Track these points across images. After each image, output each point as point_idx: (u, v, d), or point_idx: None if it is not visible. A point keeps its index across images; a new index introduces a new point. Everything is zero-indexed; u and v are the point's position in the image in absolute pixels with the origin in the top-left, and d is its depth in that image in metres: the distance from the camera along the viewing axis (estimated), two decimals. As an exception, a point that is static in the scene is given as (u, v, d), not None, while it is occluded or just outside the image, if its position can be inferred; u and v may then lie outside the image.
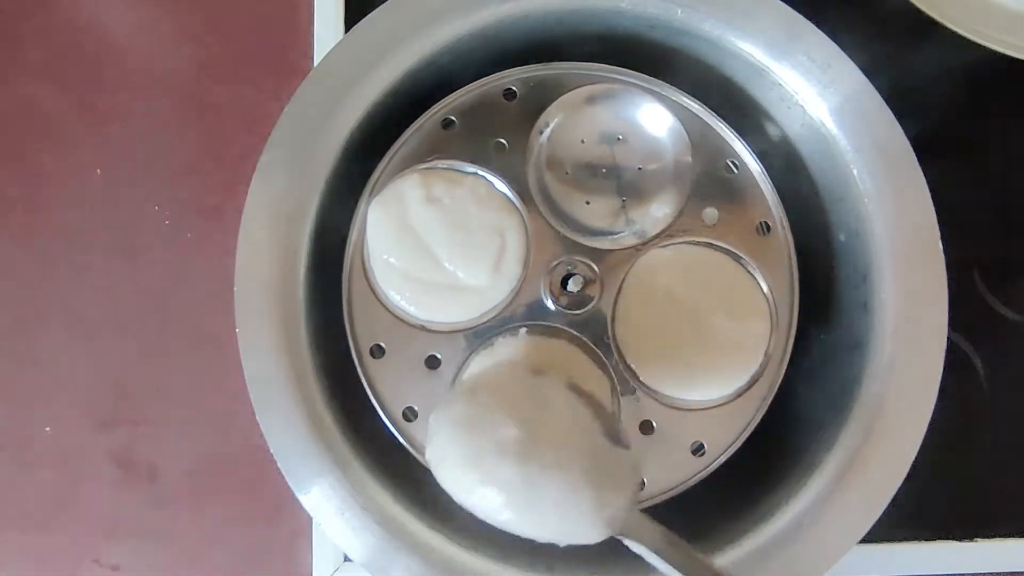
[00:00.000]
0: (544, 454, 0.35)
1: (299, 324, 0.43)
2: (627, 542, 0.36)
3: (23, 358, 0.54)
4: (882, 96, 0.45)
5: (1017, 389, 0.56)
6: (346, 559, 0.52)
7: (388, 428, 0.44)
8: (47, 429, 0.54)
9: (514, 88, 0.47)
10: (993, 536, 0.54)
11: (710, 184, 0.47)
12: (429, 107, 0.47)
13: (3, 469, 0.53)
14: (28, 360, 0.54)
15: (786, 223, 0.47)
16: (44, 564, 0.53)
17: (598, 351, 0.45)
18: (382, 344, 0.45)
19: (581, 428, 0.37)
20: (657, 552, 0.35)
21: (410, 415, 0.44)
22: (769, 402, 0.45)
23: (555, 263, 0.46)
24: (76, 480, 0.53)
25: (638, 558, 0.44)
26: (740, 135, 0.47)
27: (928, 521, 0.53)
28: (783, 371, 0.45)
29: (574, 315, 0.45)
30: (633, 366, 0.45)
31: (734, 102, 0.48)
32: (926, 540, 0.53)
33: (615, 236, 0.46)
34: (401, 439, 0.44)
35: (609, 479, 0.35)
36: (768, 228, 0.47)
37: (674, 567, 0.35)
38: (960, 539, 0.53)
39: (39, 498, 0.53)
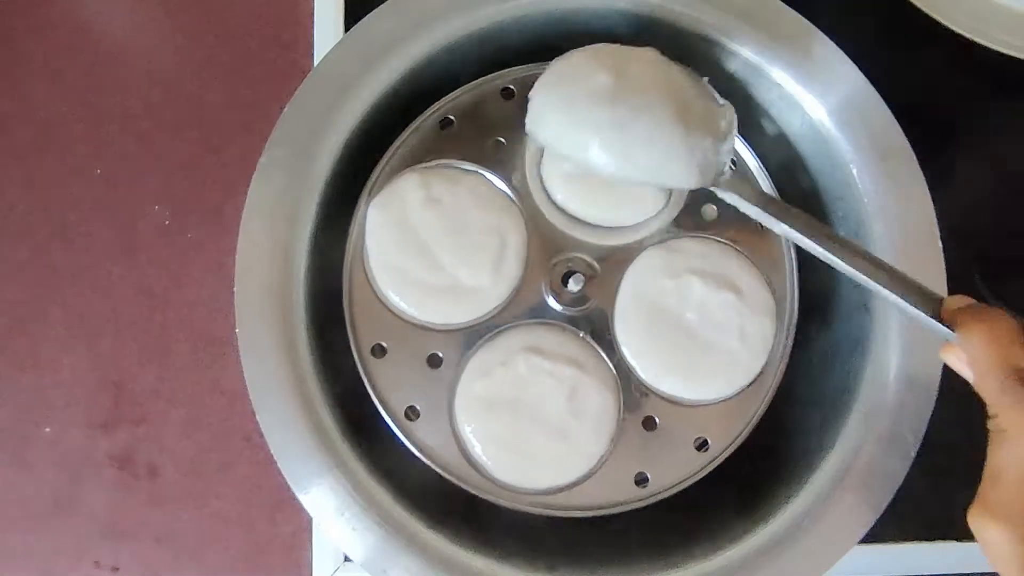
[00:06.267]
0: (634, 97, 0.36)
1: (299, 324, 0.43)
2: (722, 194, 0.37)
3: (23, 358, 0.54)
4: (882, 96, 0.45)
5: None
6: (346, 559, 0.52)
7: (390, 427, 0.44)
8: (47, 429, 0.54)
9: (512, 87, 0.47)
10: (993, 536, 0.54)
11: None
12: (428, 107, 0.47)
13: (3, 469, 0.53)
14: (28, 360, 0.54)
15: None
16: (44, 564, 0.53)
17: (599, 348, 0.45)
18: (383, 343, 0.45)
19: (669, 79, 0.38)
20: (752, 202, 0.36)
21: (412, 414, 0.44)
22: (771, 397, 0.45)
23: (555, 261, 0.46)
24: (76, 480, 0.53)
25: (640, 559, 0.44)
26: (739, 133, 0.47)
27: (928, 521, 0.53)
28: (784, 367, 0.45)
29: (575, 313, 0.45)
30: (634, 363, 0.45)
31: (734, 101, 0.48)
32: (926, 540, 0.53)
33: (615, 233, 0.46)
34: (403, 438, 0.44)
35: (698, 122, 0.37)
36: (767, 224, 0.47)
37: (769, 214, 0.36)
38: (960, 539, 0.53)
39: (39, 498, 0.53)
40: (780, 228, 0.36)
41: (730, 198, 0.37)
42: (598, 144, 0.36)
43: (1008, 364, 0.30)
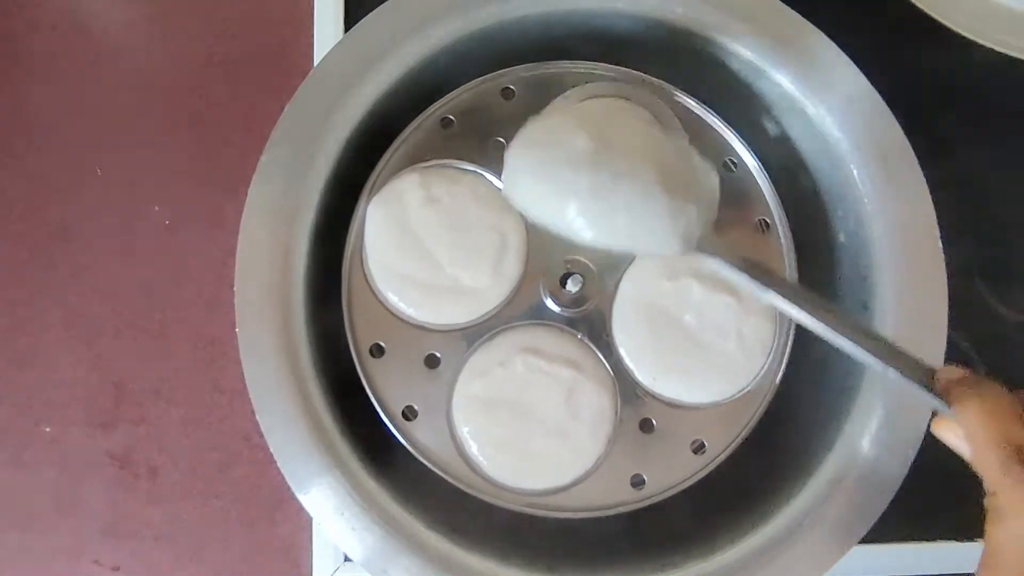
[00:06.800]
0: (615, 163, 0.35)
1: (299, 324, 0.43)
2: (705, 260, 0.36)
3: (23, 358, 0.54)
4: (882, 96, 0.45)
5: (1017, 389, 0.56)
6: (346, 559, 0.52)
7: (388, 427, 0.44)
8: (47, 429, 0.54)
9: (512, 87, 0.47)
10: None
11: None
12: (428, 106, 0.47)
13: (3, 469, 0.53)
14: (28, 360, 0.54)
15: (785, 221, 0.47)
16: (44, 564, 0.53)
17: (597, 350, 0.45)
18: (382, 343, 0.45)
19: (652, 142, 0.37)
20: (734, 267, 0.35)
21: (410, 414, 0.44)
22: (768, 400, 0.45)
23: (554, 262, 0.46)
24: (76, 480, 0.53)
25: (639, 559, 0.44)
26: (740, 134, 0.47)
27: (928, 521, 0.53)
28: (782, 369, 0.45)
29: (573, 314, 0.45)
30: (631, 365, 0.45)
31: (734, 101, 0.48)
32: (926, 540, 0.53)
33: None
34: (401, 438, 0.44)
35: (682, 189, 0.35)
36: (767, 226, 0.47)
37: (756, 282, 0.34)
38: (960, 539, 0.53)
39: (39, 498, 0.53)
40: (767, 297, 0.34)
41: (712, 263, 0.36)
42: (575, 211, 0.35)
43: (1008, 441, 0.28)
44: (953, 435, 0.31)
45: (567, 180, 0.35)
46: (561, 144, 0.35)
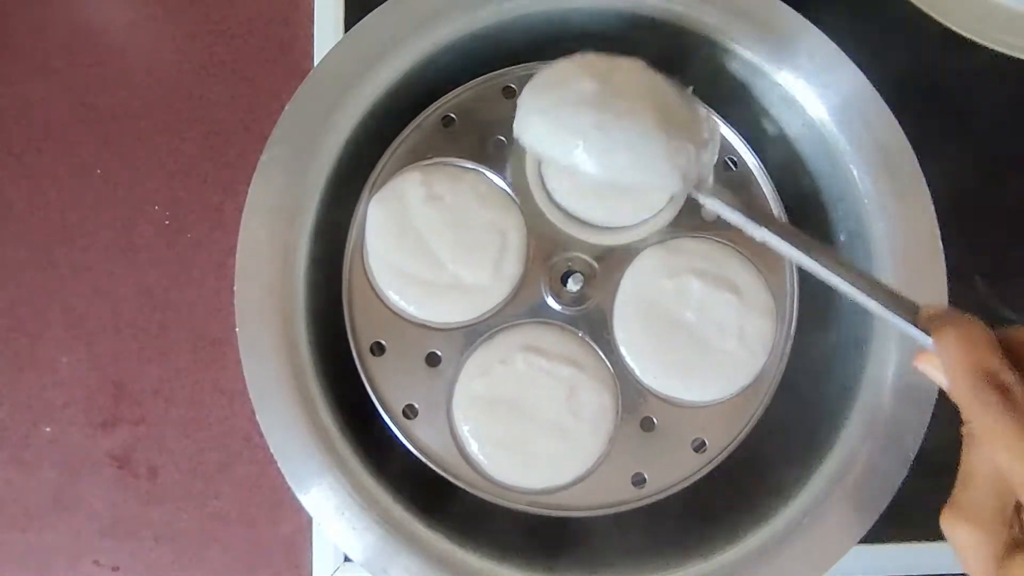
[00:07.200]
0: (618, 104, 0.38)
1: (299, 324, 0.43)
2: (704, 200, 0.38)
3: (23, 358, 0.54)
4: (882, 95, 0.45)
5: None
6: (346, 559, 0.52)
7: (388, 426, 0.44)
8: (47, 429, 0.54)
9: (513, 86, 0.47)
10: (993, 536, 0.54)
11: (709, 180, 0.47)
12: (429, 105, 0.47)
13: (3, 469, 0.53)
14: (28, 360, 0.54)
15: (785, 219, 0.47)
16: (44, 564, 0.53)
17: (598, 348, 0.45)
18: (382, 341, 0.45)
19: (653, 87, 0.39)
20: (731, 207, 0.37)
21: (410, 413, 0.44)
22: (770, 398, 0.45)
23: (555, 260, 0.46)
24: (76, 480, 0.53)
25: (640, 559, 0.44)
26: (740, 134, 0.47)
27: (928, 521, 0.52)
28: (783, 367, 0.45)
29: (574, 312, 0.45)
30: (632, 364, 0.45)
31: (734, 101, 0.48)
32: (926, 540, 0.53)
33: (615, 233, 0.46)
34: (401, 437, 0.44)
35: (680, 128, 0.38)
36: (767, 225, 0.47)
37: (750, 220, 0.36)
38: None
39: (39, 498, 0.53)
40: (760, 234, 0.36)
41: (712, 204, 0.38)
42: (583, 147, 0.37)
43: (981, 368, 0.29)
44: (932, 367, 0.32)
45: (574, 118, 0.37)
46: (569, 86, 0.38)
